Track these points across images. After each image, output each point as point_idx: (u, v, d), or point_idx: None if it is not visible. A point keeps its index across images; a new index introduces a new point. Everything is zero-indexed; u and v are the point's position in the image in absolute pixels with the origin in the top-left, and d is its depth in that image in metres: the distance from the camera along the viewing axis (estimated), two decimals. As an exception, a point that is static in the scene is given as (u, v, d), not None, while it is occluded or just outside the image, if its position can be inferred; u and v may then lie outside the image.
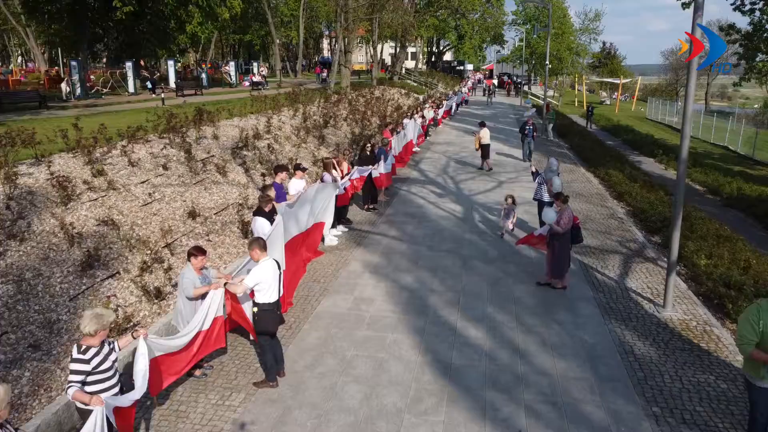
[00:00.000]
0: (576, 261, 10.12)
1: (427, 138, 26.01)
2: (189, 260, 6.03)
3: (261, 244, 5.91)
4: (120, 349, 4.77)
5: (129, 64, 29.71)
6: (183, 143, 12.54)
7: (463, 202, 14.54)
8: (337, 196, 10.89)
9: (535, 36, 54.04)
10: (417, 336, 7.40)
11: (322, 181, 10.73)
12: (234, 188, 12.09)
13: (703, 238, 11.29)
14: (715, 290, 8.70)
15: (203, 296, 5.95)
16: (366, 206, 13.53)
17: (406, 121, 20.89)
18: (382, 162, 13.53)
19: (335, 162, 11.40)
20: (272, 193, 8.43)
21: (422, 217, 13.05)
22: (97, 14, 30.73)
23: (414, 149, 21.73)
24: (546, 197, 11.20)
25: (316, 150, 17.62)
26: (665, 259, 10.38)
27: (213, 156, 13.16)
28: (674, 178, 21.09)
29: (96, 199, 9.24)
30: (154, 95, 29.88)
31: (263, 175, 13.30)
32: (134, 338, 4.91)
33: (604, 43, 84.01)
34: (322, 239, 10.85)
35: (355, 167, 12.04)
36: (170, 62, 33.34)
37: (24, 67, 50.01)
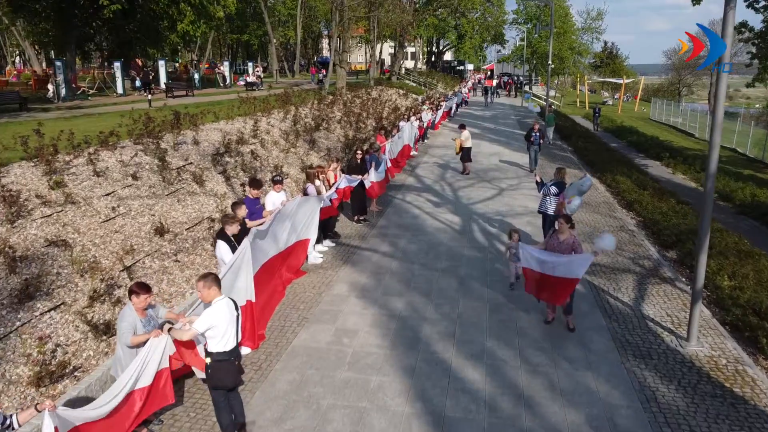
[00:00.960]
0: (585, 282, 9.14)
1: (425, 141, 25.05)
2: (130, 298, 5.05)
3: (212, 280, 4.91)
4: (20, 425, 3.79)
5: (117, 64, 28.82)
6: (157, 150, 11.56)
7: (462, 212, 13.54)
8: (322, 209, 9.92)
9: (536, 35, 52.99)
10: (406, 378, 6.42)
11: (305, 193, 9.73)
12: (211, 199, 11.10)
13: (723, 254, 10.31)
14: (745, 319, 7.71)
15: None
16: (356, 218, 12.53)
17: (402, 123, 19.91)
18: (373, 170, 12.53)
19: (320, 172, 10.40)
20: (242, 212, 7.44)
21: (417, 230, 12.06)
22: (85, 12, 29.75)
23: (411, 153, 20.75)
24: (551, 210, 10.21)
25: (305, 155, 16.64)
26: (684, 280, 9.42)
27: (191, 163, 12.17)
28: (684, 183, 20.20)
29: (50, 216, 8.26)
30: (145, 95, 29.03)
31: (243, 185, 12.30)
32: (38, 411, 3.93)
33: (605, 43, 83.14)
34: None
35: (343, 176, 11.03)
36: (161, 62, 32.36)
37: (17, 67, 49.15)
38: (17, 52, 59.98)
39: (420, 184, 16.66)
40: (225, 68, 38.76)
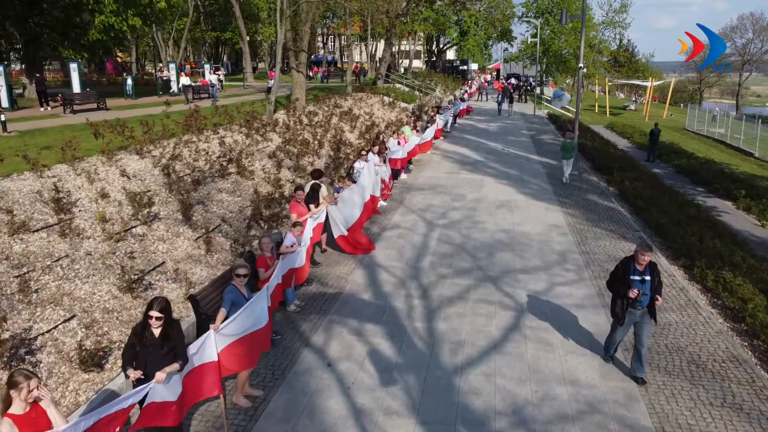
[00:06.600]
0: None
1: (406, 174, 17.58)
2: None
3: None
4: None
5: (-1, 69, 21.68)
6: None
7: (440, 401, 6.15)
8: None
9: (563, 24, 45.32)
10: None
11: None
12: None
13: None
14: None
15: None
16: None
17: (358, 164, 12.50)
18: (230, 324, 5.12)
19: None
20: None
21: None
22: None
23: (378, 204, 13.34)
24: None
25: (167, 240, 9.24)
26: None
27: None
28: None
29: None
30: (42, 110, 22.02)
31: None
32: None
33: (620, 40, 75.09)
34: None
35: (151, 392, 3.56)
36: (73, 65, 25.16)
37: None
38: None
39: (374, 288, 9.17)
40: (171, 72, 31.52)
